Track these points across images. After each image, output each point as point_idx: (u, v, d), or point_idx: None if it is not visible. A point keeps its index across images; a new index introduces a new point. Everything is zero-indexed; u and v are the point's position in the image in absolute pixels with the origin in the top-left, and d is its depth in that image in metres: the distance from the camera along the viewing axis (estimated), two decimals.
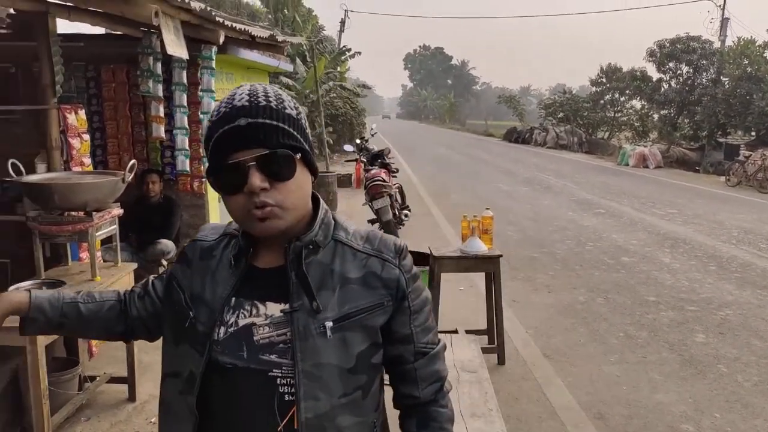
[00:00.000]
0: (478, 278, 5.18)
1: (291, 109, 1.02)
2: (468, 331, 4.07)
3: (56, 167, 3.65)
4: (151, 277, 1.25)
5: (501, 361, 4.21)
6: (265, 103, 0.98)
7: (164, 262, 5.22)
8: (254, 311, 1.03)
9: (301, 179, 1.01)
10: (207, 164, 1.03)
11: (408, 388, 1.15)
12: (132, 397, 3.63)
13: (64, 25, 3.98)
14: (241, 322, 1.03)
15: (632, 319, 5.20)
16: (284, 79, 17.27)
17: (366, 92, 27.15)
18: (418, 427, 1.15)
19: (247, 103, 0.98)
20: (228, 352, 1.02)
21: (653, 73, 25.53)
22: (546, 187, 14.36)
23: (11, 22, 5.71)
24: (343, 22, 27.38)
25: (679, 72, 24.27)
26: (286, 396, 1.00)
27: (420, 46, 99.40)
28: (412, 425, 1.16)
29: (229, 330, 1.03)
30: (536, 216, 10.29)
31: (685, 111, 24.09)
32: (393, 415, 1.23)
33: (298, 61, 18.62)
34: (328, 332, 1.01)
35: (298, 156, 1.00)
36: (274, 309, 1.03)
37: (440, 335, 1.22)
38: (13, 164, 3.33)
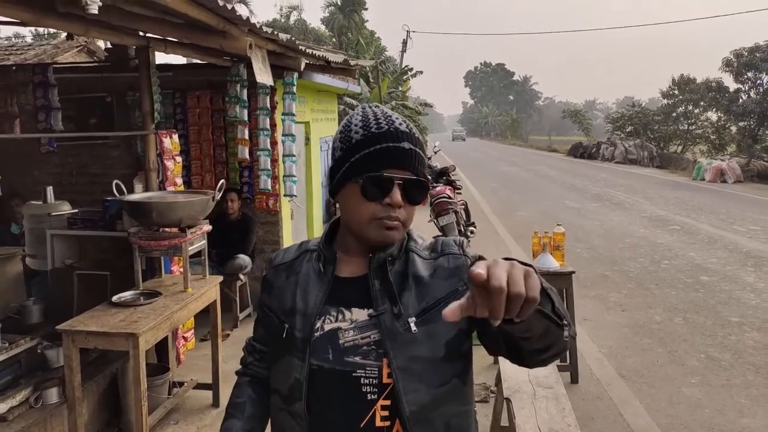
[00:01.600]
0: None
1: (423, 143, 1.17)
2: None
3: (153, 187, 3.97)
4: (248, 338, 1.36)
5: (574, 379, 4.16)
6: (417, 135, 1.14)
7: (242, 276, 5.50)
8: (339, 317, 1.12)
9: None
10: (348, 167, 1.11)
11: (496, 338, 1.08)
12: (216, 403, 3.84)
13: (156, 57, 4.33)
14: (327, 327, 1.11)
15: (714, 340, 4.99)
16: (349, 100, 17.74)
17: (427, 110, 27.35)
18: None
19: (407, 130, 1.12)
20: (316, 355, 1.10)
21: (730, 84, 24.36)
22: (616, 203, 13.93)
23: (108, 56, 6.27)
24: (405, 43, 27.76)
25: (759, 81, 23.03)
26: (369, 395, 1.07)
27: (481, 63, 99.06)
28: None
29: (316, 334, 1.11)
30: (607, 233, 10.01)
31: (766, 123, 22.77)
32: None
33: (362, 81, 19.08)
34: (413, 327, 1.08)
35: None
36: (359, 314, 1.11)
37: None
38: (116, 184, 3.67)
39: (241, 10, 3.35)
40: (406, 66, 23.78)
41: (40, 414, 2.93)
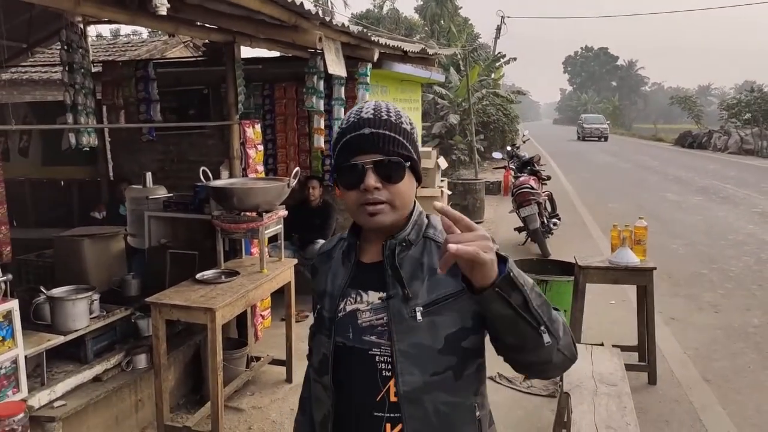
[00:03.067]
0: (632, 292, 4.89)
1: (406, 124, 1.21)
2: (618, 347, 3.89)
3: (236, 174, 4.25)
4: (306, 387, 1.42)
5: (652, 380, 3.96)
6: (386, 117, 1.18)
7: None
8: (358, 299, 1.22)
9: (408, 184, 1.19)
10: (333, 164, 1.26)
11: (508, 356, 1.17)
12: (289, 379, 4.07)
13: (245, 51, 4.59)
14: (348, 308, 1.22)
15: None
16: (437, 89, 17.68)
17: (521, 98, 26.59)
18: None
19: (371, 116, 1.18)
20: (339, 333, 1.22)
21: None
22: (723, 197, 12.87)
23: (205, 51, 6.71)
24: (498, 29, 27.10)
25: None
26: (383, 372, 1.17)
27: (582, 48, 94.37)
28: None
29: (339, 314, 1.23)
30: (709, 229, 9.30)
31: None
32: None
33: (452, 70, 18.91)
34: (419, 316, 1.16)
35: (408, 164, 1.18)
36: (374, 297, 1.21)
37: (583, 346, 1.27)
38: (203, 171, 3.97)
39: (336, 2, 3.50)
40: (499, 53, 23.25)
41: (130, 377, 3.27)
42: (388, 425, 1.18)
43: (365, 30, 4.12)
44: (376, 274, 1.22)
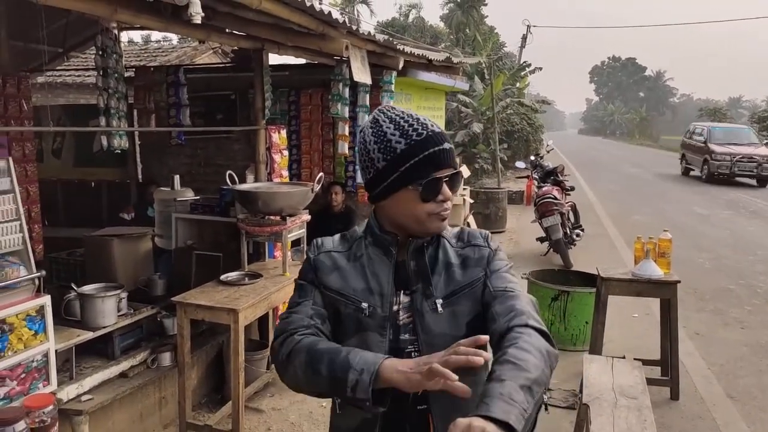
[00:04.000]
0: (655, 305, 4.83)
1: None
2: (639, 361, 3.84)
3: (261, 178, 4.32)
4: (306, 311, 1.27)
5: (674, 395, 3.90)
6: (444, 132, 1.27)
7: None
8: (396, 300, 1.27)
9: None
10: (399, 176, 1.21)
11: (491, 326, 1.21)
12: None
13: (272, 58, 4.68)
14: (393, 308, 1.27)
15: None
16: (462, 97, 17.67)
17: (546, 108, 26.42)
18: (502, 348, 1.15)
19: (439, 130, 1.24)
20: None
21: None
22: (753, 210, 12.60)
23: (233, 57, 6.85)
24: (524, 38, 27.01)
25: None
26: None
27: (609, 58, 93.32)
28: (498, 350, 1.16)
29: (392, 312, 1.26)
30: (736, 243, 9.12)
31: None
32: None
33: (476, 78, 18.89)
34: (439, 308, 1.24)
35: None
36: (404, 296, 1.27)
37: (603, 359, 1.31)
38: (229, 175, 4.05)
39: (362, 11, 3.55)
40: (524, 62, 23.17)
41: (155, 374, 3.35)
42: (429, 415, 1.23)
43: (391, 38, 4.18)
44: (404, 273, 1.28)
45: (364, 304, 1.25)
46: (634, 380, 2.99)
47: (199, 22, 2.09)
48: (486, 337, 1.05)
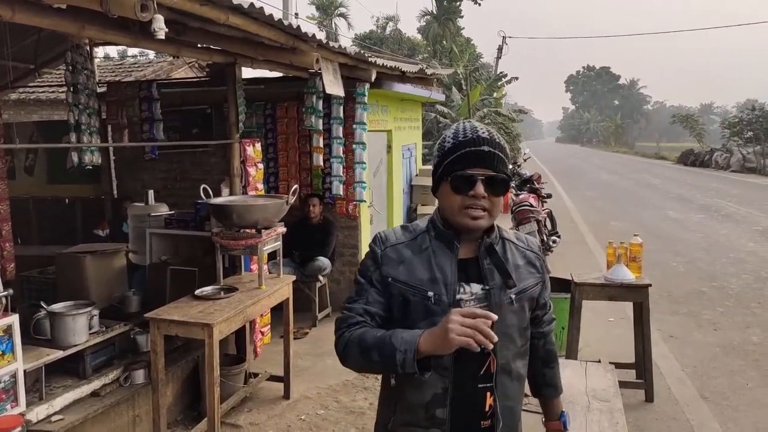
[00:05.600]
0: (630, 310, 4.90)
1: (506, 147, 1.45)
2: (615, 365, 3.88)
3: (236, 191, 4.31)
4: (358, 306, 1.45)
5: (649, 398, 3.96)
6: (498, 140, 1.42)
7: (321, 278, 5.76)
8: (461, 290, 1.41)
9: (502, 198, 1.44)
10: (441, 168, 1.42)
11: (537, 328, 1.63)
12: (287, 395, 4.08)
13: (249, 71, 4.69)
14: (456, 297, 1.40)
15: None
16: (440, 108, 17.82)
17: (523, 117, 26.75)
18: (540, 347, 1.65)
19: (488, 136, 1.40)
20: None
21: None
22: (725, 214, 12.88)
23: (208, 72, 6.84)
24: (500, 49, 27.39)
25: None
26: (484, 350, 1.27)
27: (583, 67, 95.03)
28: (536, 346, 1.62)
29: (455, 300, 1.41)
30: (709, 246, 9.31)
31: None
32: None
33: (454, 89, 19.08)
34: (514, 302, 1.44)
35: (509, 182, 1.44)
36: (476, 288, 1.42)
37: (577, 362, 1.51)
38: (203, 189, 4.04)
39: (340, 24, 3.58)
40: (500, 72, 23.47)
41: (128, 392, 3.30)
42: (488, 393, 1.42)
43: (362, 51, 4.22)
44: (472, 269, 1.43)
45: (430, 293, 1.39)
46: (607, 383, 3.03)
47: (162, 37, 2.09)
48: (494, 316, 1.22)
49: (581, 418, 2.66)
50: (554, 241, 7.91)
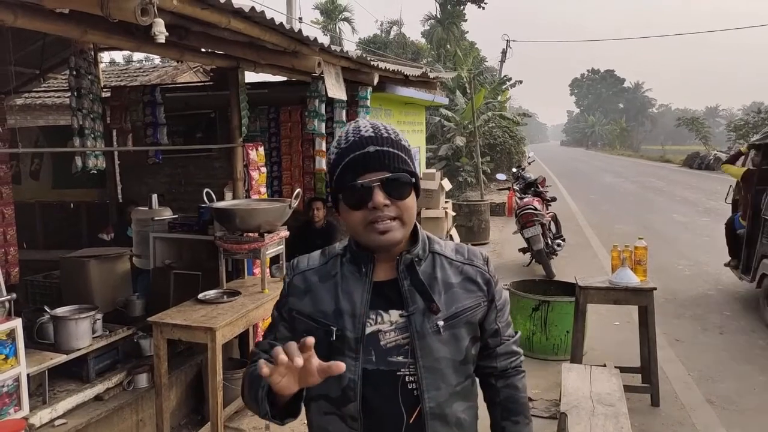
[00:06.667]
0: (636, 313, 4.87)
1: (404, 141, 1.20)
2: (621, 369, 3.85)
3: (239, 195, 4.32)
4: (265, 341, 1.29)
5: (655, 402, 3.93)
6: (386, 134, 1.17)
7: None
8: (379, 319, 1.17)
9: (413, 199, 1.19)
10: (333, 185, 1.20)
11: (487, 362, 1.34)
12: None
13: (253, 75, 4.71)
14: (368, 330, 1.16)
15: None
16: (444, 111, 17.84)
17: (527, 120, 26.75)
18: (499, 389, 1.34)
19: (372, 134, 1.16)
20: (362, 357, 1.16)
21: None
22: None
23: (212, 76, 6.87)
24: (504, 53, 27.43)
25: None
26: (414, 391, 1.14)
27: (588, 71, 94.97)
28: (493, 388, 1.35)
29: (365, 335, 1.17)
30: (715, 249, 9.22)
31: None
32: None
33: (458, 93, 19.10)
34: (441, 330, 1.17)
35: (413, 180, 1.18)
36: (395, 315, 1.17)
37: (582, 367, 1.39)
38: (207, 193, 4.04)
39: (344, 28, 3.59)
40: (504, 76, 23.47)
41: (131, 396, 3.30)
42: None
43: (365, 55, 4.23)
44: (393, 292, 1.19)
45: (333, 327, 1.17)
46: (612, 388, 3.01)
47: (163, 41, 2.10)
48: (312, 340, 0.98)
49: (586, 422, 2.64)
50: (559, 245, 7.88)
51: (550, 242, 7.62)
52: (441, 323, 1.17)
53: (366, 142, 1.15)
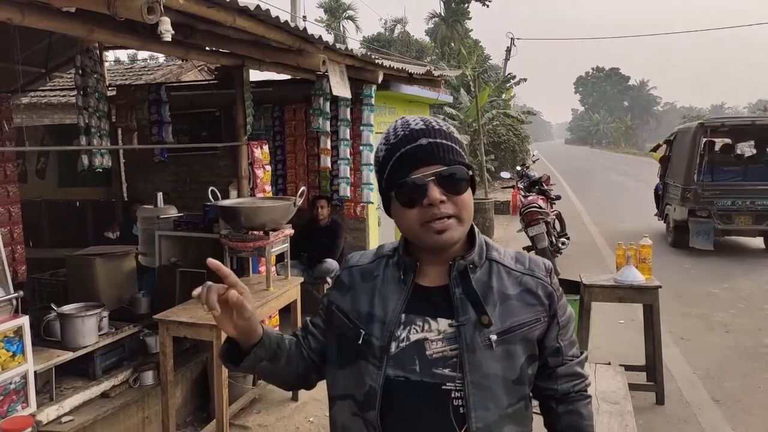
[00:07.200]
0: (641, 311, 4.86)
1: (456, 134, 1.14)
2: (626, 367, 3.84)
3: (244, 193, 4.33)
4: (308, 318, 1.31)
5: (660, 400, 3.92)
6: (438, 126, 1.11)
7: (329, 280, 5.76)
8: (426, 327, 1.09)
9: (470, 195, 1.11)
10: (384, 184, 1.13)
11: (547, 383, 1.21)
12: (295, 397, 4.08)
13: (257, 74, 4.71)
14: (413, 337, 1.09)
15: None
16: (448, 109, 17.82)
17: (532, 118, 26.70)
18: (560, 415, 1.22)
19: (423, 126, 1.09)
20: (400, 366, 1.07)
21: None
22: None
23: (217, 74, 6.88)
24: (508, 51, 27.38)
25: None
26: (461, 408, 1.05)
27: (593, 69, 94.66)
28: (554, 413, 1.23)
29: (401, 345, 1.09)
30: (720, 247, 9.20)
31: None
32: None
33: (462, 91, 19.08)
34: (494, 345, 1.07)
35: (469, 174, 1.10)
36: (445, 324, 1.09)
37: (587, 364, 1.30)
38: (212, 191, 4.06)
39: (348, 27, 3.60)
40: (509, 74, 23.44)
41: (137, 393, 3.32)
42: None
43: (369, 53, 4.23)
44: (443, 300, 1.11)
45: (362, 331, 1.12)
46: (617, 386, 3.01)
47: (169, 39, 2.11)
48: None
49: None
50: (563, 243, 7.87)
51: (554, 240, 7.61)
52: (494, 337, 1.07)
53: (417, 135, 1.08)
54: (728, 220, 8.39)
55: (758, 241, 9.68)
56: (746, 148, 11.01)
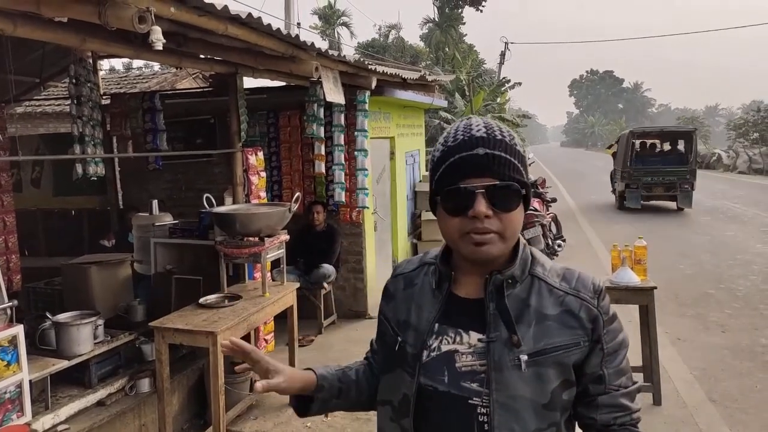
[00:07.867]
0: (637, 313, 4.87)
1: (519, 146, 1.07)
2: None
3: (239, 200, 4.34)
4: (372, 338, 1.33)
5: (657, 401, 3.93)
6: (500, 137, 1.04)
7: (326, 285, 5.77)
8: (458, 339, 1.07)
9: (520, 213, 1.05)
10: (433, 185, 1.09)
11: (586, 411, 1.12)
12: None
13: (251, 81, 4.73)
14: (444, 348, 1.07)
15: None
16: (443, 114, 17.87)
17: (527, 121, 26.75)
18: None
19: (485, 134, 1.03)
20: (429, 375, 1.07)
21: None
22: (731, 216, 12.81)
23: (211, 82, 6.90)
24: (502, 55, 27.46)
25: None
26: (486, 425, 1.02)
27: (587, 71, 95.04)
28: None
29: (432, 354, 1.08)
30: (715, 248, 9.25)
31: None
32: None
33: (457, 96, 19.13)
34: (523, 366, 1.02)
35: (524, 191, 1.05)
36: (476, 339, 1.06)
37: None
38: (207, 198, 4.06)
39: (343, 33, 3.61)
40: (503, 78, 23.51)
41: (134, 401, 3.31)
42: None
43: (363, 59, 4.25)
44: (477, 313, 1.08)
45: (399, 338, 1.13)
46: None
47: (160, 48, 2.12)
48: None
49: None
50: (559, 245, 7.90)
51: (550, 243, 7.63)
52: (524, 358, 1.02)
53: (476, 143, 1.03)
54: (649, 190, 13.52)
55: (752, 242, 9.74)
56: (666, 145, 15.41)
